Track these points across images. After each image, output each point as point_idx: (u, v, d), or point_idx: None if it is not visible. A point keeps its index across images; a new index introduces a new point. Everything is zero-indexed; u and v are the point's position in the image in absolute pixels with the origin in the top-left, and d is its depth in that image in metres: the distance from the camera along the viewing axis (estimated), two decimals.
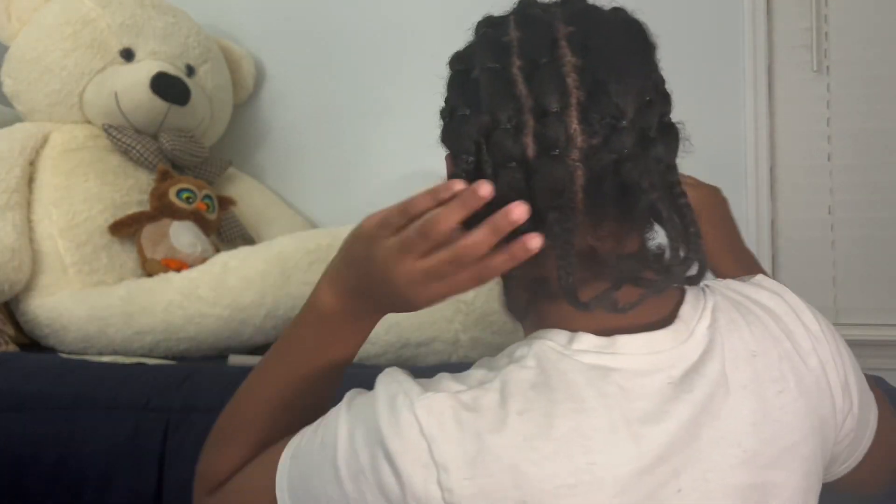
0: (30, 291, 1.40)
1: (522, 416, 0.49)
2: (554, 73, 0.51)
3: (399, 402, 0.51)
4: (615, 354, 0.53)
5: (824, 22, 1.60)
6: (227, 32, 1.89)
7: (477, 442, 0.49)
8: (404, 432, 0.49)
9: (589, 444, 0.49)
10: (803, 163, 1.61)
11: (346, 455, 0.52)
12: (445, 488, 0.48)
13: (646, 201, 0.52)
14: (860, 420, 0.63)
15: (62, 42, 1.52)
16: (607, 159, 0.52)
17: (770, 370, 0.57)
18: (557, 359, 0.52)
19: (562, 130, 0.51)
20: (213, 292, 1.29)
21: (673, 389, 0.53)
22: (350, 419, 0.53)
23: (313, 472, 0.54)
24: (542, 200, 0.52)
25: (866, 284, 1.57)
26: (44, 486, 1.02)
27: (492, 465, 0.48)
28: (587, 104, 0.51)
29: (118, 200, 1.47)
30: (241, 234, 1.68)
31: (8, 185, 1.39)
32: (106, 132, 1.53)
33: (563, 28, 0.53)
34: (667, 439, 0.51)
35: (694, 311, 0.57)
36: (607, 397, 0.51)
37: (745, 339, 0.57)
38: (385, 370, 0.56)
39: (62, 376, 1.10)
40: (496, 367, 0.54)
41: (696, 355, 0.55)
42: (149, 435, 1.00)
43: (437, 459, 0.49)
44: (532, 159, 0.52)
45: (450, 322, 1.17)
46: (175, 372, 1.09)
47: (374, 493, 0.50)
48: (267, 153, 1.92)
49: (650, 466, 0.51)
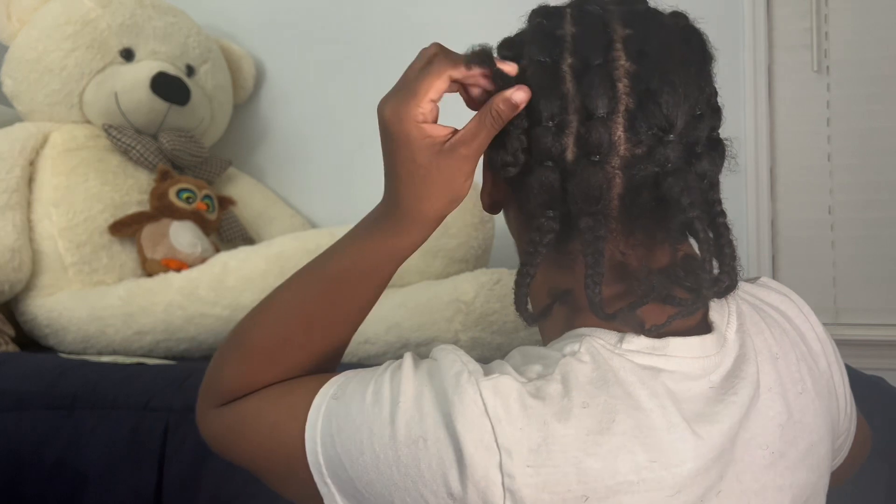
0: (30, 291, 1.40)
1: (586, 410, 0.48)
2: (605, 77, 0.50)
3: (464, 380, 0.48)
4: (667, 357, 0.52)
5: (824, 22, 1.60)
6: (227, 32, 1.89)
7: (543, 430, 0.47)
8: (468, 411, 0.47)
9: (649, 442, 0.48)
10: (803, 163, 1.61)
11: (409, 415, 0.49)
12: (507, 473, 0.46)
13: (684, 218, 0.51)
14: (850, 418, 0.65)
15: (62, 42, 1.52)
16: (649, 171, 0.50)
17: (790, 372, 0.57)
18: (609, 356, 0.51)
19: (606, 136, 0.49)
20: (213, 292, 1.29)
21: (715, 393, 0.52)
22: (417, 381, 0.50)
23: (361, 422, 0.50)
24: (575, 205, 0.51)
25: (866, 284, 1.57)
26: (44, 486, 1.02)
27: (557, 455, 0.47)
28: (635, 112, 0.50)
29: (118, 200, 1.47)
30: (241, 234, 1.68)
31: (8, 185, 1.40)
32: (106, 132, 1.53)
33: (621, 30, 0.51)
34: (721, 440, 0.51)
35: (721, 317, 0.56)
36: (659, 397, 0.50)
37: (768, 341, 0.57)
38: (440, 346, 0.54)
39: (62, 376, 1.10)
40: (549, 360, 0.51)
41: (731, 360, 0.54)
42: (149, 435, 1.00)
43: (501, 443, 0.46)
44: (570, 161, 0.51)
45: (450, 322, 1.17)
46: (175, 372, 1.09)
47: (430, 466, 0.47)
48: (267, 153, 1.92)
49: (706, 467, 0.50)
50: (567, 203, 0.51)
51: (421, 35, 1.77)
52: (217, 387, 0.61)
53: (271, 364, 0.59)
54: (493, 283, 1.20)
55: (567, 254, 0.54)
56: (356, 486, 0.50)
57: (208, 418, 0.62)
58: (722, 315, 0.56)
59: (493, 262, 1.40)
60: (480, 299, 1.18)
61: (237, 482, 0.97)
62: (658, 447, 0.48)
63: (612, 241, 0.52)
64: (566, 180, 0.51)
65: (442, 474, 0.47)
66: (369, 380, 0.52)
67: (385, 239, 0.57)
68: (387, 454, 0.49)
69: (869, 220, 1.59)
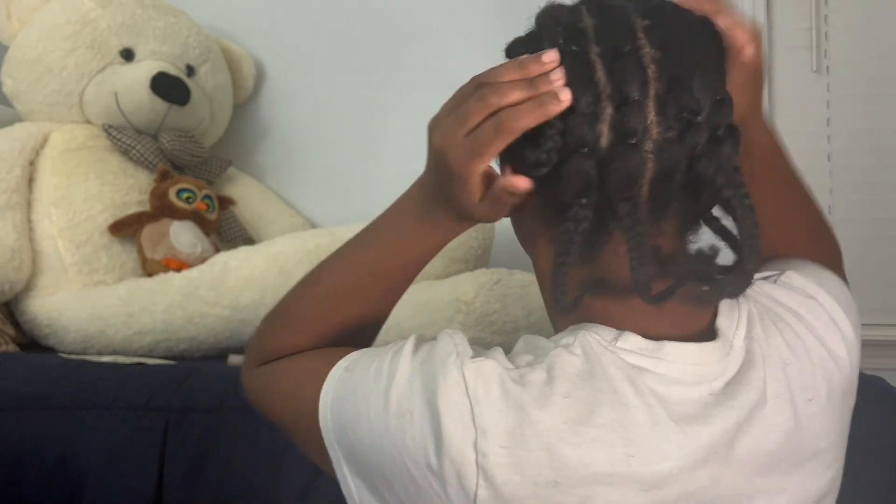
0: (30, 291, 1.40)
1: (567, 399, 0.49)
2: (636, 62, 0.50)
3: (450, 361, 0.51)
4: (658, 360, 0.52)
5: (824, 22, 1.60)
6: (227, 32, 1.89)
7: (519, 413, 0.49)
8: (451, 390, 0.50)
9: (629, 437, 0.49)
10: (803, 163, 1.59)
11: (400, 391, 0.52)
12: (481, 452, 0.48)
13: (720, 198, 0.52)
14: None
15: (62, 42, 1.52)
16: (680, 154, 0.51)
17: (802, 378, 0.57)
18: (601, 351, 0.52)
19: (641, 120, 0.50)
20: (213, 292, 1.29)
21: (714, 399, 0.53)
22: (413, 361, 0.54)
23: (363, 394, 0.54)
24: (613, 191, 0.51)
25: (866, 284, 1.57)
26: (44, 486, 1.02)
27: (531, 439, 0.48)
28: (665, 97, 0.50)
29: (118, 200, 1.47)
30: (241, 234, 1.68)
31: (8, 185, 1.39)
32: (106, 132, 1.53)
33: (640, 20, 0.52)
34: (710, 441, 0.51)
35: (730, 322, 0.56)
36: (645, 395, 0.51)
37: (779, 347, 0.57)
38: (446, 330, 0.56)
39: (62, 376, 1.10)
40: (542, 350, 0.53)
41: (735, 368, 0.54)
42: (149, 435, 1.00)
43: (478, 423, 0.49)
44: (605, 148, 0.51)
45: (450, 322, 1.17)
46: (175, 372, 1.09)
47: (414, 438, 0.50)
48: (267, 153, 1.92)
49: (690, 467, 0.50)
50: (601, 190, 0.51)
51: (421, 35, 1.78)
52: (261, 348, 0.67)
53: (308, 334, 0.64)
54: (493, 283, 1.20)
55: (592, 244, 0.54)
56: (356, 451, 0.54)
57: (250, 376, 0.68)
58: (731, 320, 0.56)
59: (493, 262, 1.40)
60: (480, 299, 1.18)
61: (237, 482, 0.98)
62: (638, 443, 0.49)
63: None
64: (602, 167, 0.51)
65: (423, 447, 0.50)
66: (376, 356, 0.56)
67: (432, 233, 0.61)
68: (379, 425, 0.52)
69: (869, 219, 1.59)
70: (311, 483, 0.94)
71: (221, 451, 0.98)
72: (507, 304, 1.18)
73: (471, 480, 0.48)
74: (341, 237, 1.40)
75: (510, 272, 1.22)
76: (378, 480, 0.54)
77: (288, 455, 0.95)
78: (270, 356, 0.66)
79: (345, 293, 0.64)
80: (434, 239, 0.62)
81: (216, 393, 1.02)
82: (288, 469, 0.95)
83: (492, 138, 0.51)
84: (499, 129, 0.51)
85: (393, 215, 0.63)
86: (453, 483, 0.49)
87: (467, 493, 0.49)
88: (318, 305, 0.65)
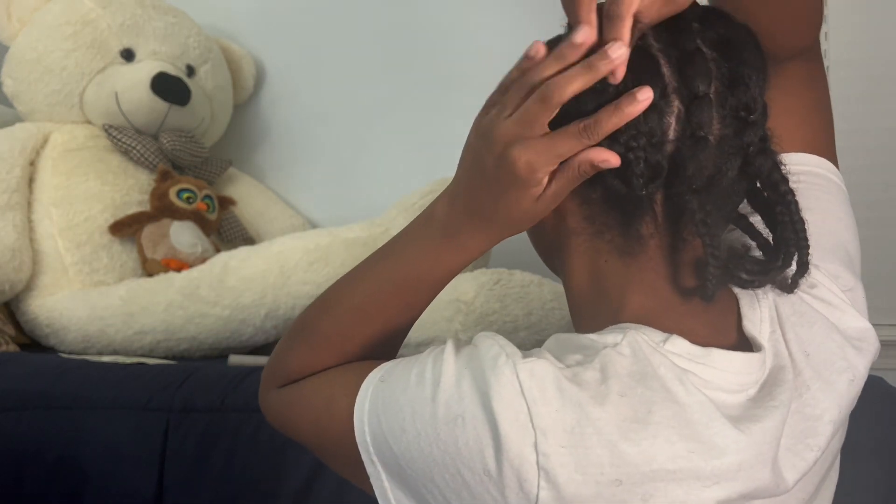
0: (30, 291, 1.40)
1: (623, 398, 0.49)
2: (702, 59, 0.51)
3: (501, 362, 0.50)
4: (706, 366, 0.52)
5: (824, 22, 1.59)
6: (227, 32, 1.89)
7: (577, 412, 0.48)
8: (505, 392, 0.48)
9: (688, 433, 0.49)
10: None
11: (449, 396, 0.50)
12: (542, 452, 0.47)
13: (778, 194, 0.54)
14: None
15: (62, 42, 1.52)
16: (736, 149, 0.52)
17: (833, 363, 0.57)
18: (650, 352, 0.51)
19: (707, 114, 0.51)
20: (213, 292, 1.29)
21: (753, 403, 0.53)
22: (458, 364, 0.52)
23: (404, 403, 0.53)
24: (679, 184, 0.52)
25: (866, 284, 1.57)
26: (44, 486, 1.02)
27: (591, 437, 0.48)
28: (725, 94, 0.51)
29: (118, 200, 1.47)
30: (241, 234, 1.68)
31: (8, 185, 1.40)
32: (106, 132, 1.53)
33: (693, 23, 0.53)
34: (765, 438, 0.51)
35: (754, 326, 0.57)
36: (695, 394, 0.50)
37: (802, 339, 0.57)
38: (482, 333, 0.55)
39: (62, 376, 1.10)
40: (589, 350, 0.52)
41: (767, 371, 0.55)
42: (149, 435, 1.00)
43: (536, 423, 0.47)
44: (673, 140, 0.51)
45: (450, 322, 1.17)
46: (175, 372, 1.09)
47: (468, 443, 0.49)
48: (267, 153, 1.92)
49: (749, 464, 0.50)
50: (670, 184, 0.52)
51: (421, 35, 1.78)
52: (281, 369, 0.66)
53: (331, 352, 0.63)
54: (493, 283, 1.20)
55: (634, 238, 0.55)
56: (400, 463, 0.52)
57: (270, 398, 0.67)
58: (755, 323, 0.57)
59: (493, 262, 1.40)
60: (480, 299, 1.18)
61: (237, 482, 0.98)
62: (697, 438, 0.49)
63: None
64: (672, 160, 0.52)
65: (479, 451, 0.48)
66: (413, 363, 0.55)
67: (460, 252, 0.59)
68: (427, 432, 0.50)
69: (869, 219, 1.58)
70: (311, 483, 0.94)
71: (221, 451, 0.98)
72: (507, 304, 1.18)
73: (532, 483, 0.47)
74: (341, 237, 1.40)
75: (510, 272, 1.22)
76: (425, 491, 0.52)
77: (287, 455, 0.95)
78: (292, 377, 0.65)
79: (367, 311, 0.63)
80: (462, 257, 0.60)
81: (216, 393, 1.02)
82: (287, 469, 0.95)
83: (539, 106, 0.50)
84: (544, 94, 0.50)
85: (415, 233, 0.61)
86: (513, 487, 0.48)
87: (528, 495, 0.47)
88: (340, 324, 0.64)
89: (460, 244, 0.58)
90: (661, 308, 0.55)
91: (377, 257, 0.64)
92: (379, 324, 0.63)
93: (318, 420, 0.60)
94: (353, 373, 0.59)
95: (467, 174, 0.55)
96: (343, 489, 0.93)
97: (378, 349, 0.63)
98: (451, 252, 0.59)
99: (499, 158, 0.52)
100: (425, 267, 0.60)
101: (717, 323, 0.56)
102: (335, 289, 0.66)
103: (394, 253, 0.62)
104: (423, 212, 0.61)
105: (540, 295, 1.20)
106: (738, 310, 0.58)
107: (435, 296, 0.63)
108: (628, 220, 0.54)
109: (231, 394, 1.01)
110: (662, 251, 0.55)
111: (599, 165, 0.51)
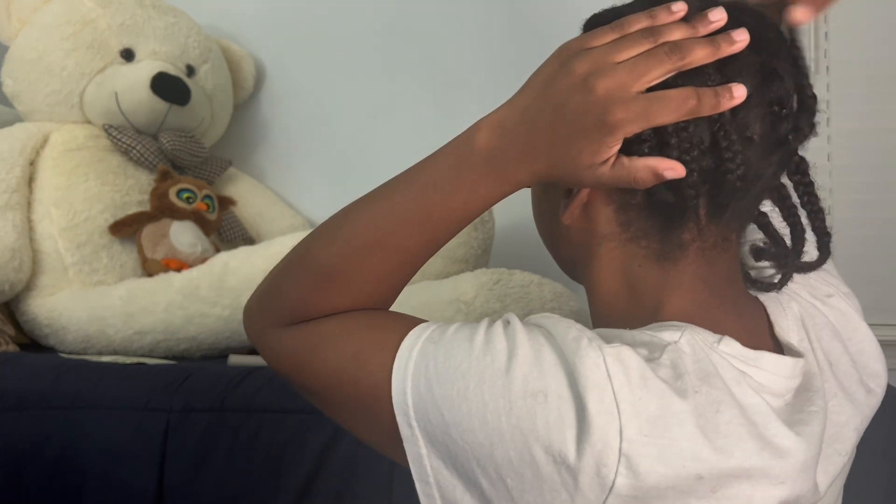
0: (30, 291, 1.40)
1: (697, 395, 0.48)
2: (736, 56, 0.50)
3: (584, 344, 0.48)
4: (759, 369, 0.52)
5: (824, 22, 1.59)
6: (227, 32, 1.89)
7: (661, 402, 0.47)
8: (591, 375, 0.46)
9: (756, 433, 0.49)
10: None
11: (527, 369, 0.48)
12: (626, 438, 0.46)
13: (807, 181, 0.55)
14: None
15: (62, 42, 1.52)
16: (776, 145, 0.52)
17: (850, 374, 0.58)
18: (709, 352, 0.51)
19: (752, 114, 0.51)
20: (213, 292, 1.29)
21: (792, 408, 0.53)
22: (533, 338, 0.50)
23: (465, 369, 0.49)
24: (727, 186, 0.52)
25: (866, 284, 1.57)
26: (44, 486, 1.02)
27: (675, 428, 0.47)
28: (761, 89, 0.51)
29: (118, 200, 1.47)
30: (242, 234, 1.68)
31: (8, 185, 1.40)
32: (106, 132, 1.53)
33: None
34: (814, 442, 0.52)
35: (786, 332, 0.57)
36: (753, 396, 0.50)
37: (825, 349, 0.58)
38: (541, 314, 0.53)
39: (62, 376, 1.10)
40: (652, 346, 0.50)
41: (801, 376, 0.55)
42: (149, 435, 1.00)
43: (622, 408, 0.46)
44: (720, 146, 0.51)
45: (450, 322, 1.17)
46: (175, 372, 1.09)
47: (547, 422, 0.46)
48: (267, 153, 1.92)
49: (806, 466, 0.51)
50: (720, 186, 0.52)
51: (422, 35, 1.78)
52: (280, 304, 0.60)
53: (343, 290, 0.57)
54: (493, 283, 1.20)
55: (675, 244, 0.54)
56: (450, 432, 0.49)
57: (273, 336, 0.60)
58: (785, 330, 0.57)
59: (494, 262, 1.40)
60: (480, 299, 1.18)
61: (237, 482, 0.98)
62: (763, 438, 0.49)
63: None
64: (718, 164, 0.51)
65: (559, 431, 0.46)
66: (471, 329, 0.52)
67: (500, 185, 0.54)
68: (497, 403, 0.47)
69: (869, 219, 1.59)
70: (311, 483, 0.94)
71: (221, 451, 0.98)
72: (507, 304, 1.18)
73: (611, 468, 0.45)
74: None
75: (510, 272, 1.22)
76: (475, 464, 0.48)
77: (287, 455, 0.95)
78: (295, 315, 0.59)
79: (385, 245, 0.57)
80: (503, 190, 0.54)
81: (216, 393, 1.02)
82: (287, 469, 0.95)
83: (662, 61, 0.49)
84: (673, 51, 0.49)
85: (449, 161, 0.55)
86: (589, 471, 0.45)
87: (604, 480, 0.45)
88: (350, 258, 0.57)
89: (506, 177, 0.53)
90: (700, 312, 0.54)
91: (397, 187, 0.58)
92: (394, 260, 0.57)
93: (341, 371, 0.55)
94: (391, 325, 0.55)
95: (537, 104, 0.51)
96: (343, 490, 0.93)
97: (387, 293, 0.59)
98: (493, 183, 0.54)
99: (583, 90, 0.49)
100: (460, 198, 0.55)
101: (752, 328, 0.56)
102: (343, 218, 0.59)
103: (423, 182, 0.56)
104: (453, 141, 0.56)
105: (540, 295, 1.20)
106: (767, 316, 0.58)
107: (460, 230, 0.58)
108: (670, 227, 0.54)
109: (231, 394, 1.01)
110: (704, 253, 0.54)
111: (664, 174, 0.49)
